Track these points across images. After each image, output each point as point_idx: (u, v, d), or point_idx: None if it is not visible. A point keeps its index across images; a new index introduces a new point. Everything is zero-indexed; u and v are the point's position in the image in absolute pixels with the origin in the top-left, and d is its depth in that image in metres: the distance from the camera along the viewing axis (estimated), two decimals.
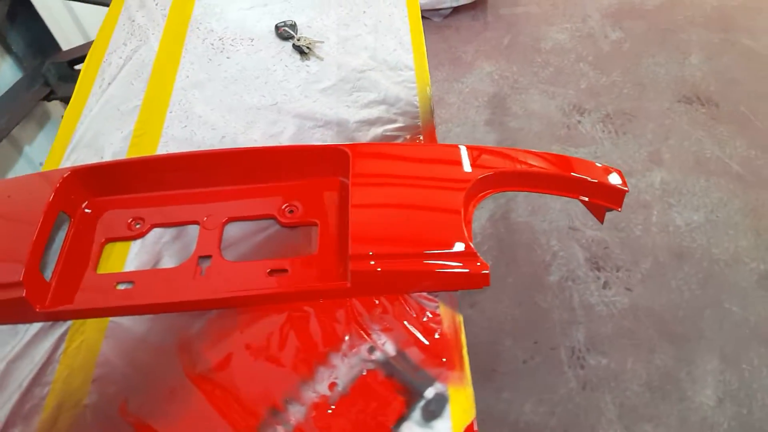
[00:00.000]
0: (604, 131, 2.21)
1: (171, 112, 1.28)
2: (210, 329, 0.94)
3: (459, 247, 0.95)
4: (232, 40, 1.43)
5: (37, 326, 0.96)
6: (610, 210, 1.13)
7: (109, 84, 1.35)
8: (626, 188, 1.11)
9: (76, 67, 2.33)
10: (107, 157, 1.20)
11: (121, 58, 1.41)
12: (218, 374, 0.88)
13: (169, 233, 1.08)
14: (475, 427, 0.83)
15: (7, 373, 0.91)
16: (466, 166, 1.06)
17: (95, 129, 1.26)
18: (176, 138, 1.22)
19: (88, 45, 2.31)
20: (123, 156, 1.20)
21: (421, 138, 1.19)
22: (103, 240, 1.06)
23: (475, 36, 2.54)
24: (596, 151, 2.16)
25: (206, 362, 0.90)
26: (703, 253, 1.88)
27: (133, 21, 1.51)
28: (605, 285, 1.83)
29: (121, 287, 1.00)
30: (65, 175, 1.07)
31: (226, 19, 1.49)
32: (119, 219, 1.09)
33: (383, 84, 1.30)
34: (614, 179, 1.10)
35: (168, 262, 1.04)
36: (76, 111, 1.31)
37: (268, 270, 1.00)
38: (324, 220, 1.06)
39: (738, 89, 2.32)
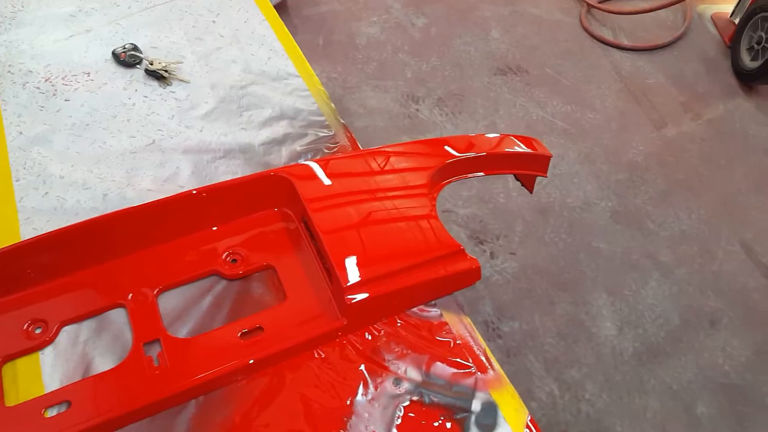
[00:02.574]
0: (441, 114, 2.29)
1: (18, 180, 1.00)
2: (199, 427, 0.75)
3: (446, 248, 0.89)
4: (63, 78, 1.16)
5: None
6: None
7: None
8: (550, 154, 1.15)
9: None
10: None
11: None
12: None
13: (86, 328, 0.84)
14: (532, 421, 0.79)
15: None
16: (416, 164, 0.99)
17: None
18: (40, 210, 0.96)
19: None
20: None
21: (343, 145, 1.09)
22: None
23: None
24: (441, 133, 2.23)
25: None
26: (560, 205, 2.05)
27: None
28: (492, 255, 1.91)
29: (51, 413, 0.75)
30: None
31: (43, 56, 1.20)
32: (11, 328, 0.81)
33: (273, 97, 1.17)
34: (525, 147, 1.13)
35: (102, 364, 0.80)
36: None
37: (240, 334, 0.83)
38: (280, 261, 0.91)
39: (539, 54, 2.57)
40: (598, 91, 2.46)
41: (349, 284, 0.81)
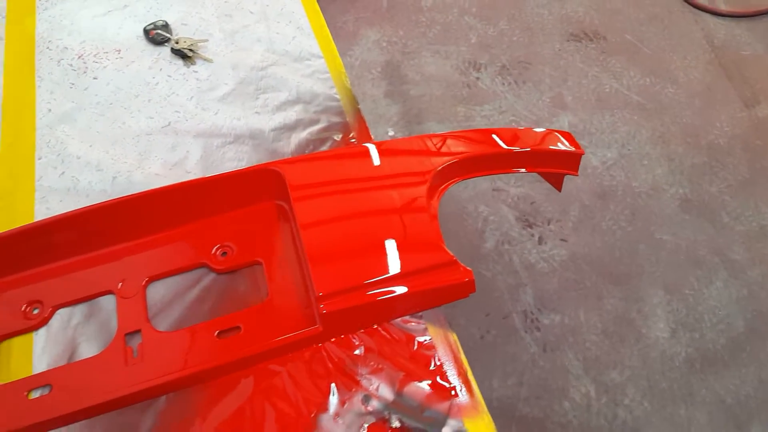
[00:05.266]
0: (503, 84, 2.16)
1: (41, 159, 1.03)
2: (164, 424, 0.76)
3: (437, 257, 0.83)
4: (95, 55, 1.19)
5: None
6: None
7: None
8: (582, 151, 1.04)
9: None
10: None
11: None
12: None
13: (79, 312, 0.87)
14: None
15: None
16: (419, 159, 0.93)
17: None
18: (55, 189, 0.99)
19: None
20: None
21: (353, 136, 1.05)
22: None
23: (351, 2, 2.38)
24: (500, 105, 2.11)
25: None
26: (624, 189, 1.90)
27: None
28: (540, 240, 1.80)
29: (35, 395, 0.79)
30: None
31: (80, 32, 1.23)
32: (9, 307, 0.86)
33: (292, 80, 1.13)
34: (567, 143, 1.04)
35: (87, 350, 0.83)
36: None
37: (217, 332, 0.83)
38: (268, 257, 0.89)
39: (620, 18, 2.35)
40: (683, 63, 2.22)
41: (324, 293, 0.79)
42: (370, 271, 0.81)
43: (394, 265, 0.82)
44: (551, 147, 1.00)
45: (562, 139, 1.03)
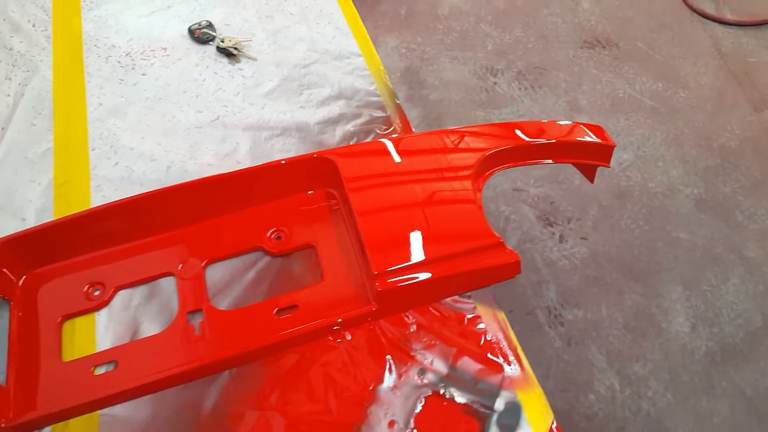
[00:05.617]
0: (520, 88, 2.22)
1: (94, 150, 1.08)
2: (229, 397, 0.80)
3: (486, 239, 0.87)
4: (142, 53, 1.23)
5: None
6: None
7: (3, 129, 1.12)
8: (613, 143, 1.09)
9: None
10: (30, 216, 0.98)
11: (9, 95, 1.17)
12: None
13: (139, 294, 0.91)
14: (557, 427, 0.77)
15: None
16: (462, 151, 0.98)
17: (4, 186, 1.03)
18: (110, 179, 1.03)
19: None
20: (49, 212, 0.99)
21: (396, 128, 1.09)
22: (59, 319, 0.87)
23: (369, 11, 2.44)
24: (518, 109, 2.16)
25: None
26: (641, 189, 1.94)
27: (11, 49, 1.25)
28: (561, 239, 1.85)
29: (100, 371, 0.83)
30: None
31: (126, 31, 1.28)
32: (72, 289, 0.90)
33: (333, 76, 1.18)
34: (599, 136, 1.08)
35: (149, 329, 0.87)
36: None
37: (276, 310, 0.87)
38: (321, 241, 0.94)
39: (631, 27, 2.41)
40: (693, 69, 2.28)
41: (379, 271, 0.82)
42: (422, 252, 0.85)
43: (445, 246, 0.86)
44: (586, 139, 1.04)
45: (589, 132, 1.07)
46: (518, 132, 1.01)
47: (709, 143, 2.07)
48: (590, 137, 1.06)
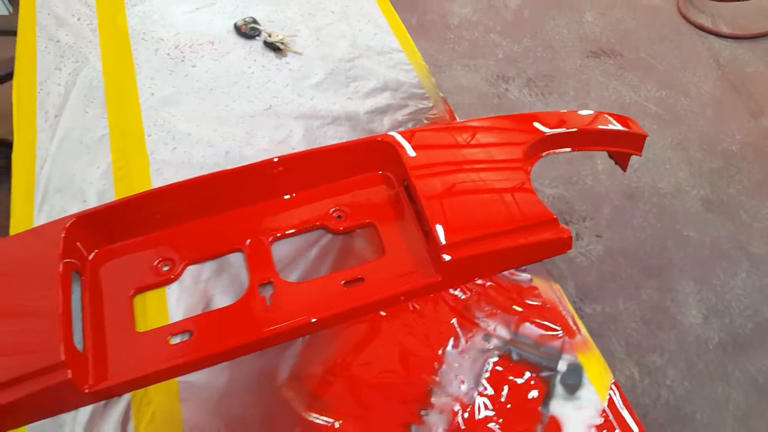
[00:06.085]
0: (531, 95, 2.30)
1: (150, 136, 1.12)
2: (305, 363, 0.83)
3: (540, 216, 0.93)
4: (190, 46, 1.28)
5: (86, 411, 0.80)
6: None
7: (57, 116, 1.15)
8: (646, 133, 1.15)
9: None
10: (91, 198, 1.02)
11: (59, 84, 1.21)
12: (337, 406, 0.79)
13: (208, 269, 0.94)
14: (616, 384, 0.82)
15: None
16: (511, 135, 1.03)
17: (62, 170, 1.06)
18: (169, 163, 1.07)
19: None
20: (110, 194, 1.02)
21: (442, 117, 1.15)
22: (132, 292, 0.90)
23: None
24: None
25: (317, 397, 0.80)
26: (650, 190, 2.02)
27: (58, 41, 1.29)
28: (578, 237, 1.91)
29: (175, 340, 0.86)
30: (68, 225, 0.89)
31: (173, 26, 1.32)
32: (142, 264, 0.93)
33: (378, 70, 1.24)
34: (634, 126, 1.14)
35: (221, 301, 0.90)
36: (27, 153, 1.10)
37: (343, 282, 0.91)
38: (380, 219, 0.98)
39: (634, 38, 2.51)
40: (693, 78, 2.38)
41: (445, 243, 0.87)
42: (483, 227, 0.90)
43: (504, 222, 0.91)
44: (618, 128, 1.11)
45: (613, 120, 1.13)
46: (560, 119, 1.07)
47: (712, 147, 2.16)
48: (614, 125, 1.12)
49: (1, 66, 1.91)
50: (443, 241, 0.87)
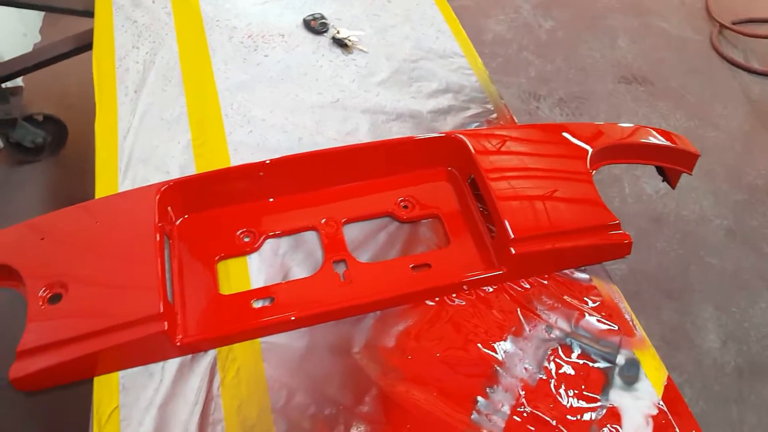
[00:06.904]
0: (562, 114, 2.36)
1: (227, 117, 1.17)
2: (378, 333, 0.88)
3: (603, 219, 0.98)
4: (262, 37, 1.34)
5: (174, 363, 0.84)
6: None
7: (136, 92, 1.21)
8: (697, 152, 1.21)
9: (4, 85, 2.04)
10: (174, 170, 1.07)
11: (138, 62, 1.26)
12: (408, 374, 0.84)
13: (285, 243, 0.99)
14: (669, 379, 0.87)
15: (164, 420, 0.79)
16: (578, 142, 1.09)
17: (144, 142, 1.12)
18: (246, 144, 1.12)
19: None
20: (191, 168, 1.08)
21: (502, 122, 1.20)
22: (216, 258, 0.95)
23: None
24: None
25: (389, 365, 0.84)
26: (675, 216, 2.08)
27: (135, 22, 1.35)
28: None
29: (257, 305, 0.91)
30: (164, 189, 0.94)
31: (245, 15, 1.38)
32: (226, 234, 0.98)
33: (440, 72, 1.29)
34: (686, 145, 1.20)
35: (298, 273, 0.95)
36: (110, 124, 1.15)
37: (411, 266, 0.96)
38: (445, 212, 1.03)
39: (665, 68, 2.59)
40: (723, 111, 2.45)
41: (513, 237, 0.92)
42: (548, 225, 0.95)
43: (569, 221, 0.96)
44: (676, 145, 1.16)
45: (673, 138, 1.19)
46: (618, 132, 1.13)
47: (738, 180, 2.22)
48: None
49: (64, 44, 1.98)
50: (512, 235, 0.92)
